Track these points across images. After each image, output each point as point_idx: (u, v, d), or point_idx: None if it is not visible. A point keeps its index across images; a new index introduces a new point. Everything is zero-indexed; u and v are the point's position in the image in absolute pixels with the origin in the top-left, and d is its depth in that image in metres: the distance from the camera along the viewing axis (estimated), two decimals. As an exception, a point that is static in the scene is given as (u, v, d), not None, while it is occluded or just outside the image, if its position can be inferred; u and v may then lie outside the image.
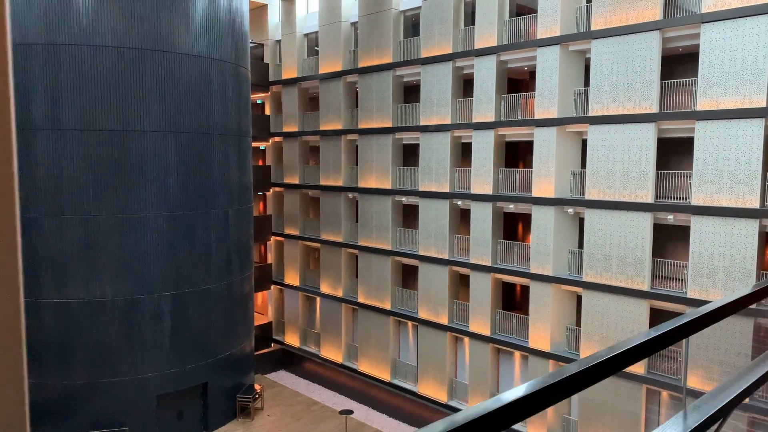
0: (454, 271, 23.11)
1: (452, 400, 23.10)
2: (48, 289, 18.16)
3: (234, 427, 20.82)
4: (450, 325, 22.84)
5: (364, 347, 26.30)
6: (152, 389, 19.02)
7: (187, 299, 19.72)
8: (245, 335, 22.49)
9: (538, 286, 20.13)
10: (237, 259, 21.71)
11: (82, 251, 18.21)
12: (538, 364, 20.08)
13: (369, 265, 25.99)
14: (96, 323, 18.35)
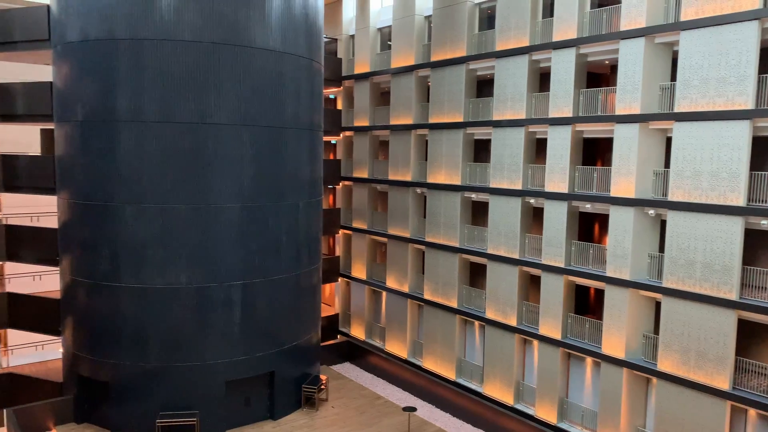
0: (524, 272, 22.45)
1: (519, 404, 22.50)
2: (127, 274, 18.98)
3: (299, 416, 21.12)
4: (519, 327, 22.22)
5: (430, 344, 26.05)
6: (221, 375, 19.55)
7: (256, 289, 20.12)
8: (312, 326, 22.75)
9: (614, 290, 19.20)
10: (306, 250, 21.95)
11: (159, 239, 18.90)
12: (612, 372, 19.18)
13: (436, 261, 25.69)
14: (170, 309, 19.03)
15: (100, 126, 18.89)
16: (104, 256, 19.17)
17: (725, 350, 16.52)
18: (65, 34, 19.35)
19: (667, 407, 17.71)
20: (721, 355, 16.59)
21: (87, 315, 19.73)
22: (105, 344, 19.32)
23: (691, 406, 17.14)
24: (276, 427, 20.32)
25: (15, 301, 22.62)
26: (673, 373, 17.59)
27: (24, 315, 22.51)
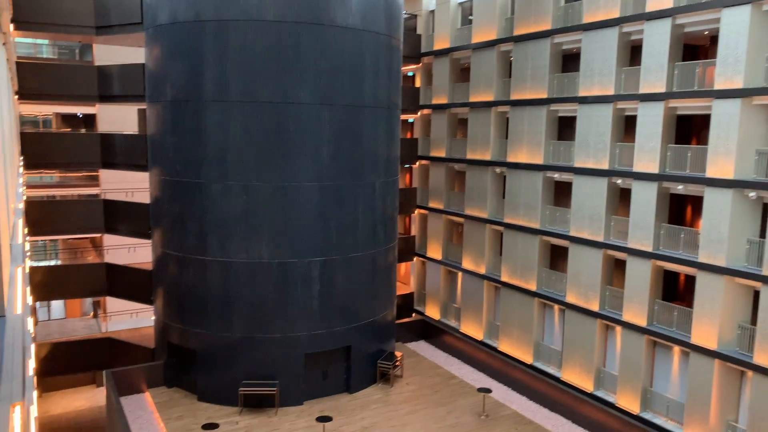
0: (608, 255, 21.55)
1: (599, 391, 21.80)
2: (214, 249, 19.80)
3: (374, 391, 21.44)
4: (601, 312, 21.43)
5: (506, 327, 25.66)
6: (301, 347, 20.12)
7: (334, 266, 20.47)
8: (388, 304, 22.94)
9: (707, 276, 18.07)
10: (382, 229, 22.06)
11: (243, 216, 19.55)
12: (702, 363, 18.15)
13: (514, 243, 25.14)
14: (253, 283, 19.72)
15: (188, 106, 19.67)
16: (192, 230, 20.08)
17: (834, 345, 15.22)
18: (156, 17, 20.18)
19: (764, 403, 16.58)
20: (829, 350, 15.30)
21: (176, 286, 20.80)
22: (193, 314, 20.32)
23: (792, 403, 15.97)
24: (352, 400, 20.74)
25: (113, 272, 24.22)
26: (772, 367, 16.42)
27: (120, 284, 24.09)
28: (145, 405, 19.96)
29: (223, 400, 19.93)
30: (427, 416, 19.62)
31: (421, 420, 19.35)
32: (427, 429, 18.70)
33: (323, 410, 19.76)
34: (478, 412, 19.98)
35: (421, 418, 19.51)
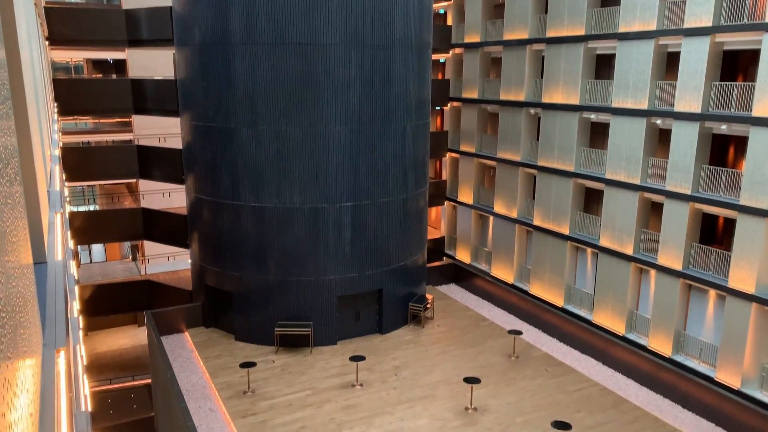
0: (645, 198, 21.07)
1: (630, 333, 21.79)
2: (246, 194, 19.99)
3: (405, 332, 21.83)
4: (635, 256, 21.15)
5: (538, 270, 25.60)
6: (334, 290, 20.48)
7: (365, 210, 20.51)
8: (418, 248, 23.03)
9: (748, 219, 17.57)
10: (413, 174, 21.89)
11: (273, 161, 19.58)
12: (738, 307, 17.89)
13: (548, 186, 24.74)
14: (285, 227, 19.95)
15: (216, 49, 19.45)
16: (224, 176, 20.25)
17: None
18: (181, -42, 19.74)
19: (802, 347, 16.36)
20: None
21: (211, 230, 21.20)
22: (228, 258, 20.76)
23: (831, 347, 15.71)
24: (384, 340, 21.18)
25: (149, 216, 24.78)
26: (812, 312, 16.09)
27: (157, 229, 24.68)
28: (184, 344, 20.76)
29: (260, 339, 20.57)
30: (457, 356, 19.96)
31: (452, 360, 19.70)
32: (457, 369, 19.05)
33: (356, 350, 20.26)
34: (508, 353, 20.22)
35: (452, 358, 19.86)
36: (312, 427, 15.92)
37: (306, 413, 16.59)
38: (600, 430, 15.92)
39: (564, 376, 18.79)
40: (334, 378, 18.49)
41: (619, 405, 17.16)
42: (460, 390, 17.70)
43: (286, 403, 17.07)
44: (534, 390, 17.87)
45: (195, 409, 16.63)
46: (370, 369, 19.02)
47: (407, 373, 18.88)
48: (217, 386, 17.89)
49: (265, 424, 16.06)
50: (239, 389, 17.72)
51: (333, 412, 16.69)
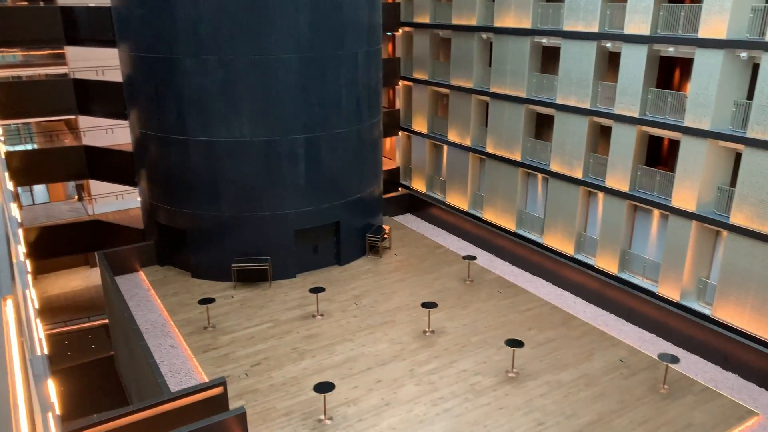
0: (594, 122, 21.43)
1: (579, 254, 22.70)
2: (194, 128, 19.31)
3: (364, 263, 22.13)
4: (584, 179, 21.72)
5: (490, 197, 26.07)
6: (290, 225, 20.40)
7: (319, 142, 20.19)
8: (374, 179, 23.00)
9: (691, 141, 18.15)
10: (366, 103, 21.53)
11: (220, 92, 18.86)
12: (680, 225, 18.78)
13: (500, 113, 24.81)
14: (237, 162, 19.50)
15: (152, -28, 18.16)
16: (169, 109, 19.44)
17: (808, 204, 15.71)
18: None
19: (736, 259, 17.41)
20: (803, 209, 15.82)
21: (159, 167, 20.54)
22: (179, 195, 20.27)
23: (762, 258, 16.77)
24: (343, 271, 21.45)
25: (92, 154, 23.75)
26: (746, 226, 17.04)
27: (101, 167, 23.74)
28: (140, 283, 20.52)
29: (217, 276, 20.50)
30: (415, 283, 20.45)
31: (410, 287, 20.18)
32: (415, 295, 19.56)
33: (316, 282, 20.48)
34: (463, 278, 20.83)
35: (410, 285, 20.34)
36: (275, 358, 16.23)
37: (268, 345, 16.86)
38: (550, 345, 16.81)
39: (516, 297, 19.57)
40: (294, 310, 18.74)
41: (568, 322, 18.08)
42: (418, 315, 18.24)
43: (247, 336, 17.28)
44: (488, 311, 18.59)
45: (155, 346, 16.66)
46: (329, 299, 19.33)
47: (367, 301, 19.28)
48: (176, 323, 17.89)
49: (228, 357, 16.27)
50: (199, 325, 17.79)
51: (295, 342, 17.01)
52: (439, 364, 15.89)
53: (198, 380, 15.18)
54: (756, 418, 13.91)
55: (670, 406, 14.25)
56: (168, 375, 15.31)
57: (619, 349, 16.62)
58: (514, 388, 14.83)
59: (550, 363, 15.94)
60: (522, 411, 14.03)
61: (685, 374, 15.47)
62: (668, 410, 14.10)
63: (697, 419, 13.78)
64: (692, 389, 14.89)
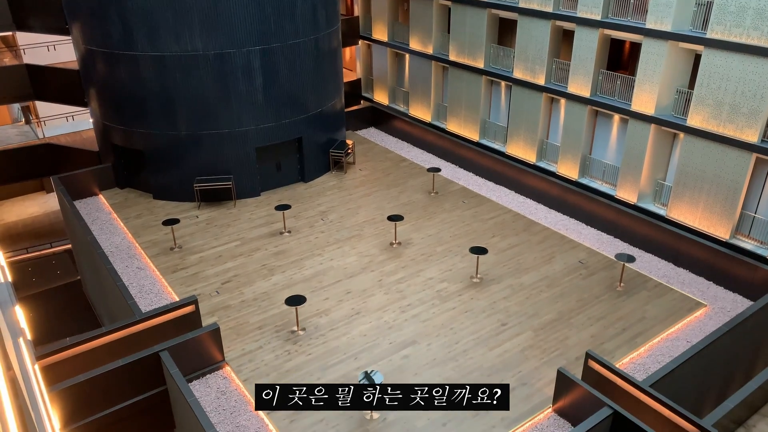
0: (557, 26, 21.06)
1: (541, 162, 23.00)
2: (142, 42, 18.28)
3: (328, 178, 22.04)
4: (547, 86, 21.63)
5: (454, 107, 25.85)
6: (251, 142, 19.97)
7: (275, 54, 19.42)
8: (335, 92, 22.45)
9: (652, 43, 18.08)
10: (323, 10, 20.61)
11: (167, 3, 17.74)
12: (639, 129, 19.07)
13: (463, 18, 24.12)
14: (190, 77, 18.68)
15: None
16: (114, 22, 18.27)
17: (762, 103, 16.04)
18: None
19: (691, 161, 17.92)
20: (755, 109, 16.17)
21: (109, 85, 19.58)
22: (133, 114, 19.49)
23: (716, 158, 17.28)
24: (308, 188, 21.36)
25: (35, 73, 22.41)
26: (702, 128, 17.41)
27: (46, 87, 22.49)
28: (100, 207, 20.09)
29: (180, 197, 20.18)
30: (381, 197, 20.56)
31: (376, 201, 20.29)
32: (381, 209, 19.72)
33: (280, 199, 20.39)
34: (428, 190, 21.01)
35: (376, 199, 20.44)
36: (244, 275, 16.38)
37: (237, 262, 16.95)
38: (513, 250, 17.35)
39: (480, 206, 19.91)
40: (261, 228, 18.74)
41: (529, 227, 18.59)
42: (385, 227, 18.48)
43: (216, 255, 17.31)
44: (453, 221, 18.93)
45: (122, 269, 16.59)
46: (296, 216, 19.34)
47: (333, 216, 19.38)
48: (142, 245, 17.75)
49: (197, 276, 16.35)
50: (165, 246, 17.69)
51: (264, 258, 17.13)
52: (407, 273, 16.31)
53: (169, 300, 15.30)
54: (704, 309, 14.85)
55: (626, 302, 15.07)
56: (138, 296, 15.37)
57: (579, 251, 17.28)
58: (478, 293, 15.40)
59: (513, 267, 16.52)
60: (486, 313, 14.66)
61: (640, 272, 16.27)
62: (623, 306, 14.92)
63: (649, 313, 14.64)
64: (646, 285, 15.71)
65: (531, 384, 12.46)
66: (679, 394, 11.78)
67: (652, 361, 13.12)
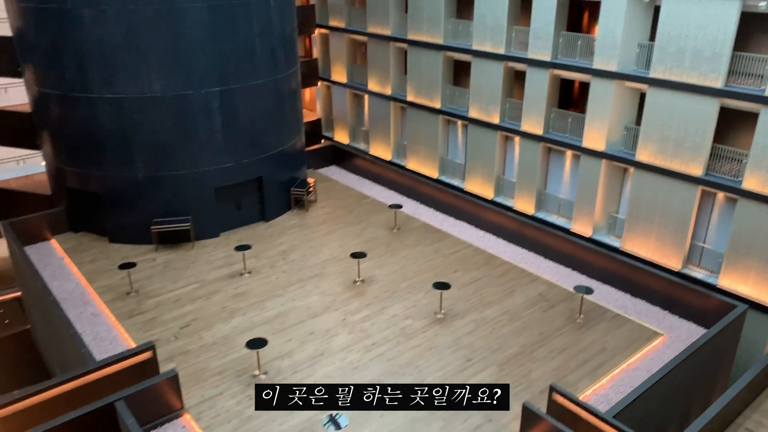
0: (509, 67, 21.85)
1: (499, 197, 23.48)
2: (98, 84, 18.11)
3: (290, 217, 21.95)
4: (501, 124, 22.27)
5: (413, 145, 26.30)
6: (210, 182, 19.80)
7: (235, 95, 19.49)
8: (295, 131, 22.59)
9: (600, 82, 18.92)
10: (282, 53, 20.88)
11: (125, 44, 17.70)
12: (591, 164, 19.75)
13: (419, 60, 24.78)
14: (149, 119, 18.54)
15: None
16: (69, 65, 18.08)
17: (703, 138, 16.87)
18: None
19: (641, 194, 18.59)
20: (699, 143, 16.99)
21: (63, 128, 19.23)
22: (89, 157, 19.13)
23: (664, 191, 17.98)
24: (269, 227, 21.20)
25: (-15, 117, 21.89)
26: (650, 162, 18.15)
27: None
28: (53, 252, 19.46)
29: (137, 239, 19.75)
30: (343, 234, 20.55)
31: (339, 238, 20.27)
32: (344, 246, 19.69)
33: (240, 239, 20.16)
34: (390, 226, 21.13)
35: (338, 236, 20.42)
36: (204, 318, 16.01)
37: (196, 306, 16.58)
38: (475, 285, 17.50)
39: (441, 241, 20.11)
40: (221, 269, 18.44)
41: (490, 261, 18.84)
42: (348, 265, 18.43)
43: (174, 299, 16.91)
44: (415, 257, 19.04)
45: (76, 316, 16.01)
46: (257, 256, 19.13)
47: (295, 256, 19.24)
48: (97, 290, 17.21)
49: (155, 320, 15.90)
50: (122, 291, 17.20)
51: (224, 301, 16.81)
52: (371, 311, 16.23)
53: (125, 347, 14.78)
54: (661, 338, 15.21)
55: (586, 333, 15.32)
56: (92, 344, 14.81)
57: (539, 284, 17.55)
58: (442, 329, 15.42)
59: (476, 302, 16.64)
60: (451, 349, 14.66)
61: (598, 303, 16.60)
62: (584, 337, 15.15)
63: (609, 344, 14.90)
64: (605, 316, 16.03)
65: (497, 420, 12.44)
66: (642, 423, 11.95)
67: (614, 391, 13.29)
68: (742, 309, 15.06)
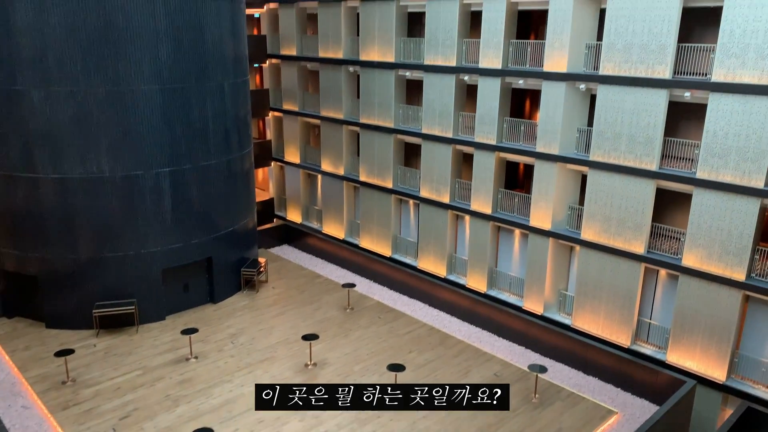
0: (457, 150, 22.65)
1: (451, 275, 23.65)
2: (44, 164, 17.74)
3: (239, 298, 21.42)
4: (451, 204, 22.79)
5: (366, 224, 26.50)
6: (157, 264, 19.27)
7: (186, 176, 19.40)
8: (247, 211, 22.48)
9: (543, 164, 19.77)
10: (235, 135, 21.10)
11: (74, 126, 17.55)
12: (539, 242, 20.26)
13: (371, 143, 25.45)
14: (95, 200, 18.14)
15: (-11, -3, 16.67)
16: (14, 145, 17.73)
17: (643, 217, 17.65)
18: None
19: (588, 271, 19.07)
20: (639, 222, 17.74)
21: (2, 208, 18.58)
22: (28, 238, 18.42)
23: (610, 269, 18.51)
24: (217, 309, 20.59)
25: None
26: (595, 241, 18.76)
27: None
28: (-17, 339, 18.25)
29: (76, 324, 18.79)
30: (295, 315, 20.12)
31: (290, 320, 19.82)
32: (296, 327, 19.23)
33: (187, 323, 19.45)
34: (343, 306, 20.86)
35: (290, 318, 19.97)
36: (146, 407, 15.10)
37: (138, 394, 15.66)
38: (430, 366, 17.24)
39: (395, 321, 19.91)
40: (165, 354, 17.63)
41: (445, 341, 18.69)
42: (300, 348, 17.94)
43: (114, 387, 15.95)
44: (369, 338, 18.72)
45: (4, 409, 14.85)
46: (204, 340, 18.43)
47: (244, 339, 18.63)
48: (29, 380, 16.09)
49: (91, 412, 14.88)
50: (57, 380, 16.13)
51: (167, 388, 15.96)
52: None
53: (56, 442, 13.70)
54: (615, 416, 15.18)
55: (542, 413, 15.15)
56: (20, 440, 13.67)
57: (493, 364, 17.44)
58: (397, 413, 14.98)
59: (431, 383, 16.31)
60: (406, 434, 14.19)
61: (552, 382, 16.55)
62: (540, 418, 14.97)
63: (565, 423, 14.75)
64: (560, 395, 15.95)
65: None
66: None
67: (572, 474, 13.03)
68: (691, 384, 15.28)
